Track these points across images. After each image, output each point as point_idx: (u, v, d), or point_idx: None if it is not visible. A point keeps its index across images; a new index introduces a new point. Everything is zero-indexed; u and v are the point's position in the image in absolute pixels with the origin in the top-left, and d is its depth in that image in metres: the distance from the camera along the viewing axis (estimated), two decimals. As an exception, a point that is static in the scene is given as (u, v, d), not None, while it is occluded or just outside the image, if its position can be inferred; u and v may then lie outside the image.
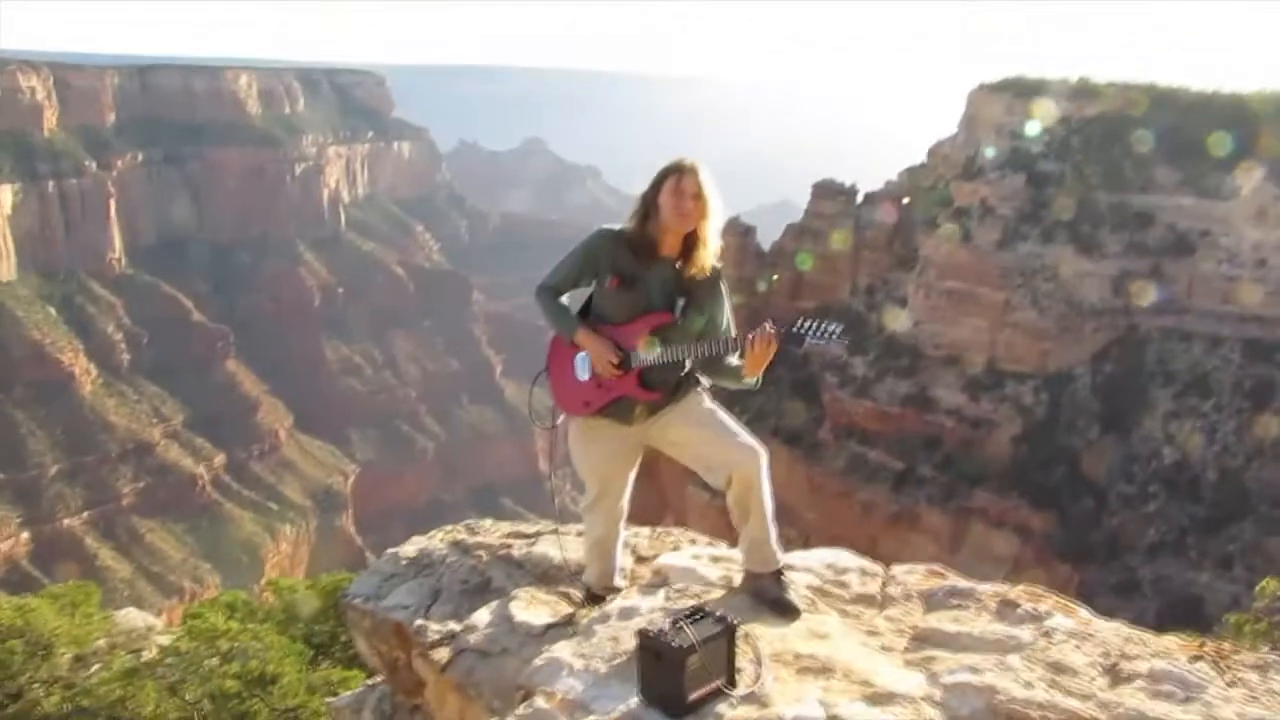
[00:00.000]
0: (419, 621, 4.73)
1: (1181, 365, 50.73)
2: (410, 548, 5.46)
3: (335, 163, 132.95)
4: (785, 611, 4.30)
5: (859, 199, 62.82)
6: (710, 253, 4.35)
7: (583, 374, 4.40)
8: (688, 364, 4.40)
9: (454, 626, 4.64)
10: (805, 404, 55.80)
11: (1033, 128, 55.47)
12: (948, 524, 49.75)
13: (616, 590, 4.73)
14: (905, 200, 60.53)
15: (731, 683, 3.73)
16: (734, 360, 4.35)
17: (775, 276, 58.77)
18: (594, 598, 4.69)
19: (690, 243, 4.33)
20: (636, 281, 4.33)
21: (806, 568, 4.68)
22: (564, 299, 4.50)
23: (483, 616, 4.65)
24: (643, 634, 3.75)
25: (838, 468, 52.75)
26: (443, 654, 4.52)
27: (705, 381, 4.53)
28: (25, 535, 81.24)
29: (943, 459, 51.53)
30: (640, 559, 5.07)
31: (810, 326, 4.04)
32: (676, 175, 4.26)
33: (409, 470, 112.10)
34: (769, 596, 4.37)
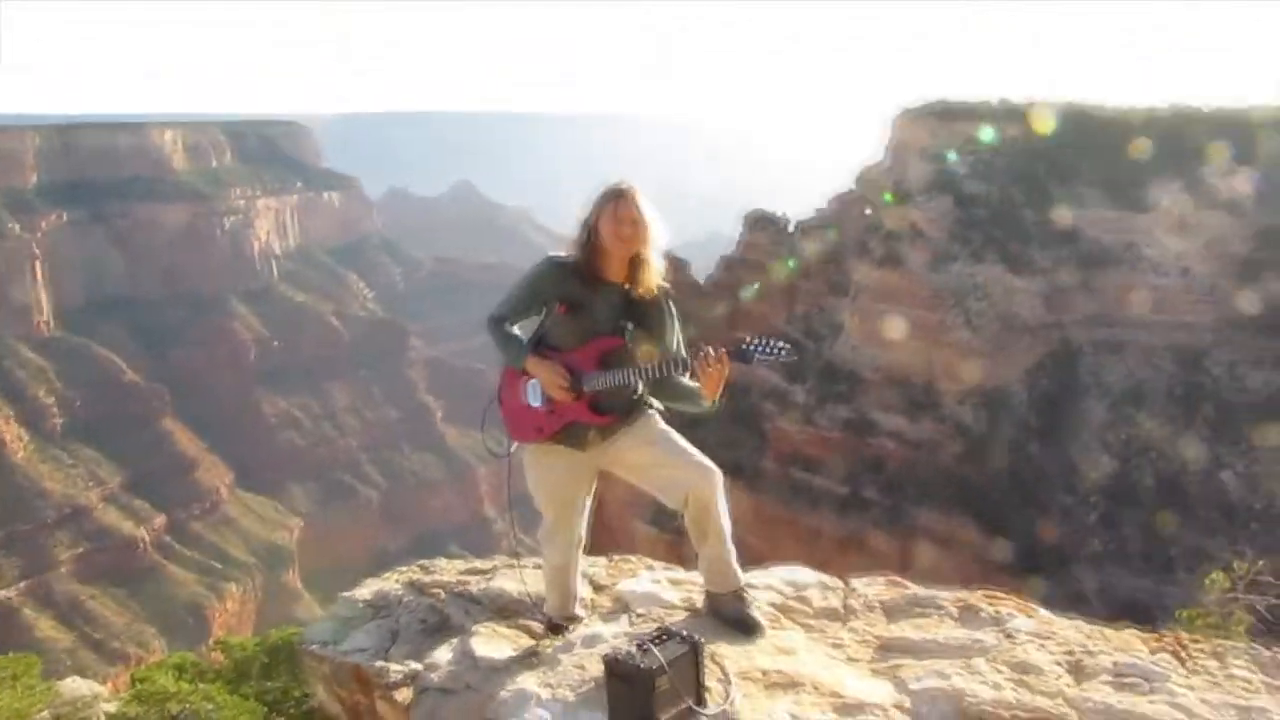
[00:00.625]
0: (379, 663, 4.65)
1: (1115, 376, 51.45)
2: (365, 590, 5.36)
3: (265, 215, 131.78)
4: (749, 629, 4.30)
5: (791, 228, 63.36)
6: (654, 273, 4.38)
7: (534, 400, 4.40)
8: (638, 386, 4.40)
9: (415, 666, 4.57)
10: (747, 433, 55.86)
11: (952, 155, 56.34)
12: (895, 545, 49.79)
13: (577, 619, 4.69)
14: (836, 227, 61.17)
15: (701, 702, 3.72)
16: (688, 381, 4.36)
17: (756, 286, 58.80)
18: (555, 628, 4.64)
19: (634, 265, 4.36)
20: (584, 307, 4.34)
21: (767, 585, 4.69)
22: (515, 329, 4.51)
23: (444, 654, 4.57)
24: (609, 659, 3.72)
25: (782, 495, 52.75)
26: (405, 694, 4.44)
27: (658, 404, 4.53)
28: (-41, 609, 79.10)
29: (886, 481, 51.70)
30: (599, 588, 5.04)
31: (757, 345, 4.07)
32: (614, 201, 4.29)
33: (353, 521, 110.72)
34: (731, 615, 4.37)
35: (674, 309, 4.52)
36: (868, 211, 59.51)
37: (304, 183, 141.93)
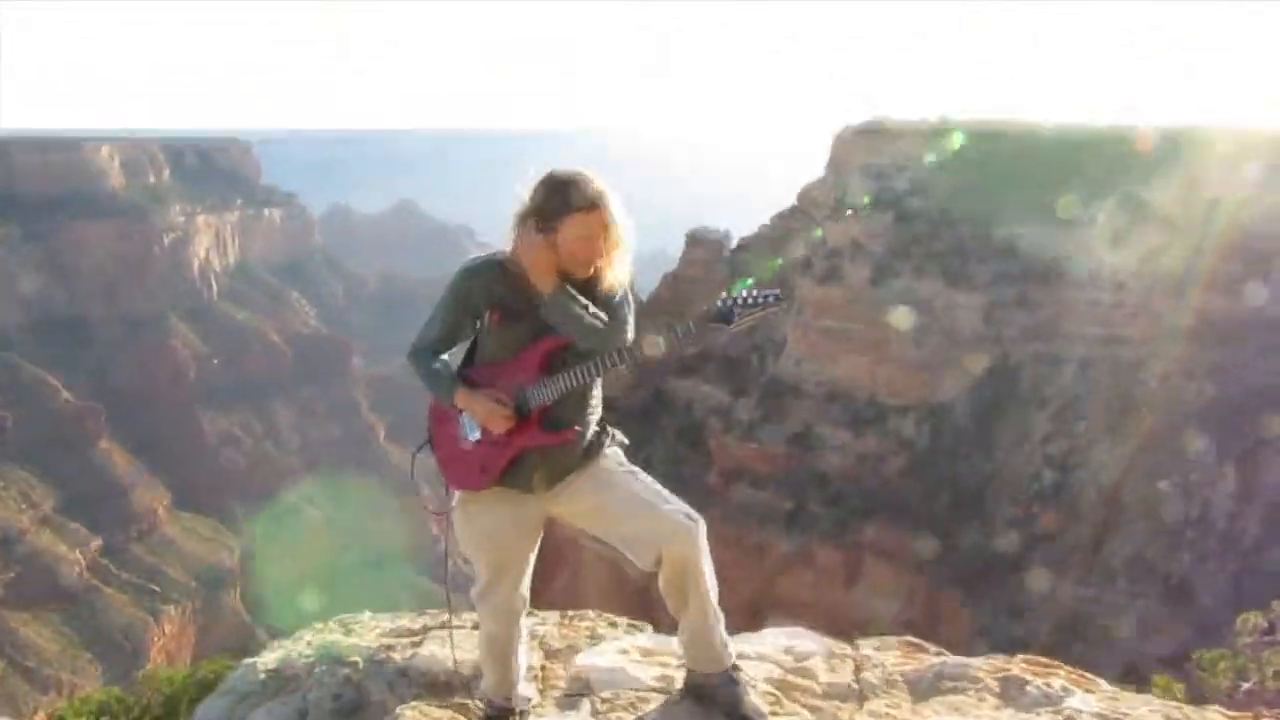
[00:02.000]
0: (280, 755, 3.76)
1: (1054, 389, 51.61)
2: (270, 657, 4.42)
3: (204, 232, 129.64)
4: (744, 719, 3.46)
5: (733, 244, 63.08)
6: (617, 270, 3.50)
7: (472, 433, 3.49)
8: (593, 386, 3.53)
9: (325, 758, 3.68)
10: (691, 450, 55.40)
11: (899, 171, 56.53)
12: (841, 560, 49.65)
13: (524, 702, 3.78)
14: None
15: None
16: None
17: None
18: (497, 711, 3.76)
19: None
20: (520, 311, 3.45)
21: (761, 655, 3.82)
22: (442, 358, 3.60)
23: (360, 743, 3.70)
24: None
25: (728, 512, 52.31)
26: (312, 795, 3.57)
27: (623, 437, 3.69)
28: (-117, 641, 76.29)
29: (832, 496, 51.52)
30: (551, 653, 4.15)
31: (737, 300, 3.28)
32: (585, 211, 3.33)
33: (297, 541, 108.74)
34: (724, 702, 3.49)
35: (630, 297, 3.61)
36: (806, 228, 59.36)
37: (244, 200, 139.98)
